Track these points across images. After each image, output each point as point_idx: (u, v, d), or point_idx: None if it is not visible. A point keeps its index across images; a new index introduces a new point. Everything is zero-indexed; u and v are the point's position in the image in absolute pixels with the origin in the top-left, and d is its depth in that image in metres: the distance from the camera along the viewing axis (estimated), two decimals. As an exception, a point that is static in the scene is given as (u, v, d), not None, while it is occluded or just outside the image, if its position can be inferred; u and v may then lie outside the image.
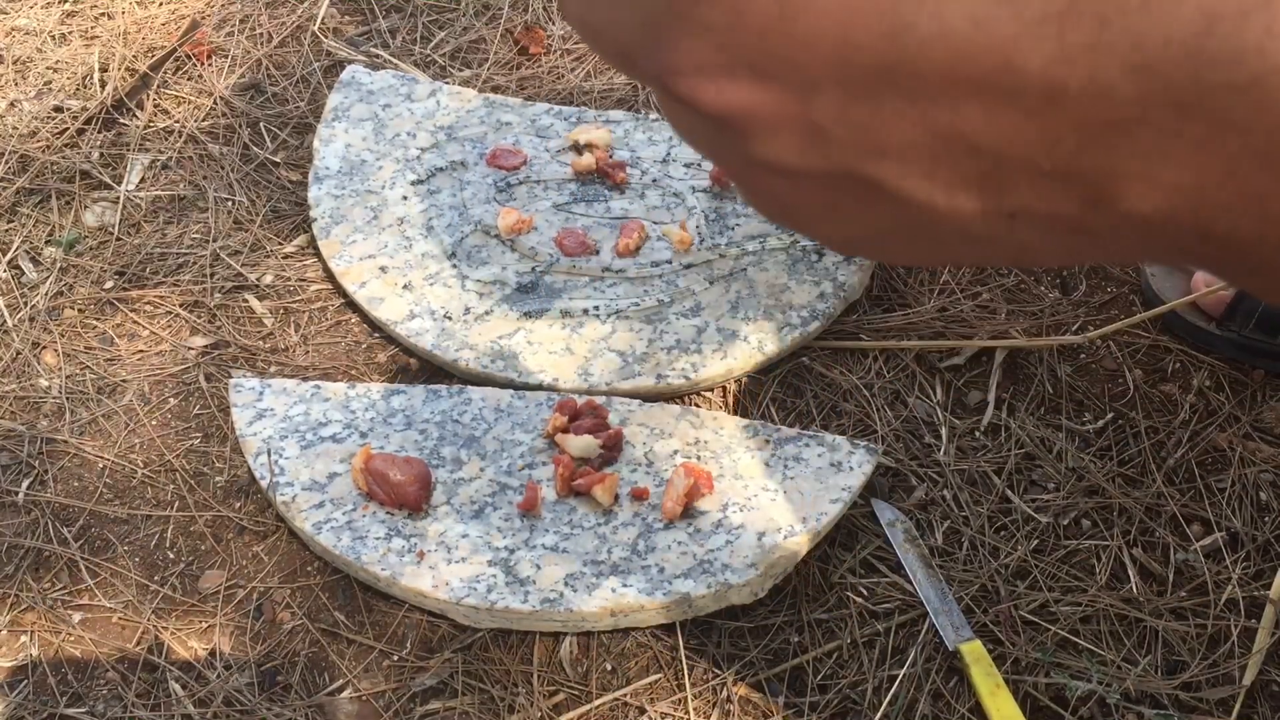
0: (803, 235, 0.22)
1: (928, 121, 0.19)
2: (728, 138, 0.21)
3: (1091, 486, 0.78)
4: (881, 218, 0.21)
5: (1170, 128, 0.18)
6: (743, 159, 0.21)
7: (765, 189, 0.22)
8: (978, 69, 0.18)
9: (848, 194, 0.21)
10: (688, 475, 0.74)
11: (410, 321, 0.86)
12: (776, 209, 0.23)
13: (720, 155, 0.23)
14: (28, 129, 1.02)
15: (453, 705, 0.69)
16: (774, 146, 0.21)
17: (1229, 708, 0.68)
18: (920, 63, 0.18)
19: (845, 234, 0.23)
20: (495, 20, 1.13)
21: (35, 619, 0.73)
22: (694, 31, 0.20)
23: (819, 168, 0.21)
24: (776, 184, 0.22)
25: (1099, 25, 0.18)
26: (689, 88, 0.20)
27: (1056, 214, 0.20)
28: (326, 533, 0.74)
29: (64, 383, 0.85)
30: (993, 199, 0.20)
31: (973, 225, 0.21)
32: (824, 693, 0.70)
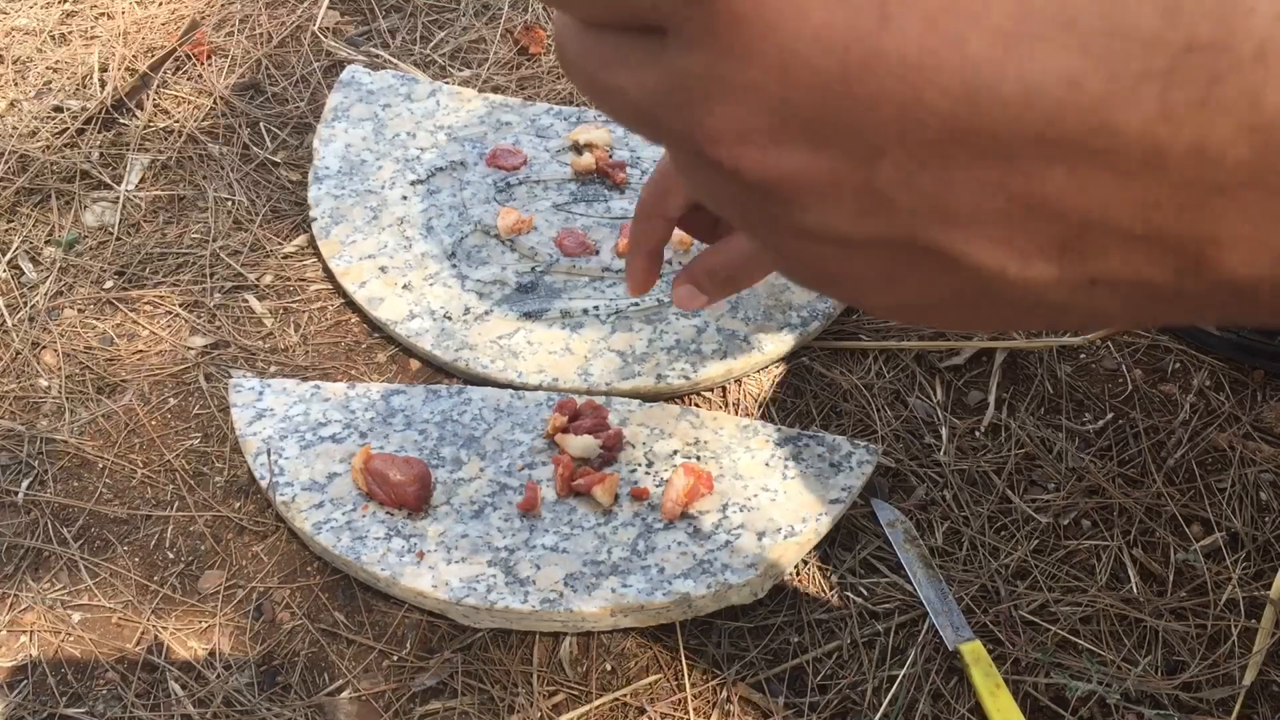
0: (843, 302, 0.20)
1: (1005, 187, 0.18)
2: (770, 206, 0.20)
3: (1091, 486, 0.78)
4: (941, 286, 0.20)
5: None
6: (786, 227, 0.20)
7: (808, 258, 0.21)
8: (1067, 130, 0.17)
9: (905, 262, 0.20)
10: (688, 475, 0.74)
11: (410, 321, 0.86)
12: (818, 277, 0.21)
13: (757, 223, 0.21)
14: (28, 129, 1.02)
15: (452, 705, 0.69)
16: (827, 215, 0.19)
17: (1229, 708, 0.68)
18: (1001, 125, 0.17)
19: (895, 301, 0.21)
20: (495, 20, 1.13)
21: (35, 619, 0.73)
22: (738, 95, 0.18)
23: (876, 236, 0.19)
24: (822, 252, 0.20)
25: (1209, 81, 0.16)
26: (731, 156, 0.19)
27: (1144, 280, 0.18)
28: (326, 533, 0.74)
29: (64, 383, 0.85)
30: (1073, 266, 0.18)
31: (1046, 293, 0.19)
32: (824, 693, 0.70)
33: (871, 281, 0.20)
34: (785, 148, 0.18)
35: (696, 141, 0.19)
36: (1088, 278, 0.19)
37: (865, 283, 0.21)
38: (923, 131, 0.17)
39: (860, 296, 0.21)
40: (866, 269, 0.20)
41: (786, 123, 0.18)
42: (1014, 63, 0.17)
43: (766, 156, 0.18)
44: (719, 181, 0.20)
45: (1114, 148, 0.17)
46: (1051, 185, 0.17)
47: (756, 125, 0.18)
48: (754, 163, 0.19)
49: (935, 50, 0.17)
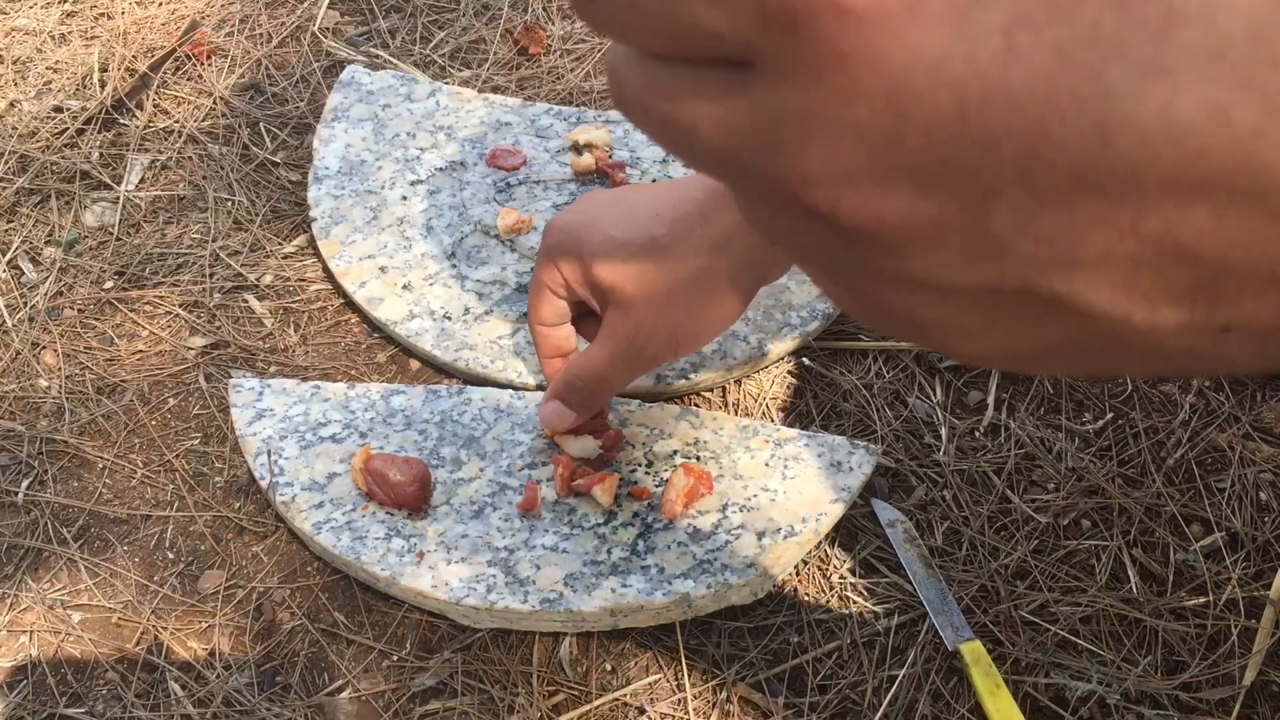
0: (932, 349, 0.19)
1: (1137, 228, 0.16)
2: (865, 252, 0.18)
3: (1091, 487, 0.78)
4: (1051, 333, 0.19)
5: None
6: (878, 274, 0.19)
7: (898, 305, 0.19)
8: (1212, 167, 0.15)
9: (1012, 309, 0.18)
10: (687, 475, 0.74)
11: (410, 321, 0.86)
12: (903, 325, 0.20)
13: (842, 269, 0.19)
14: (27, 129, 1.02)
15: (452, 705, 0.69)
16: (931, 262, 0.18)
17: (1229, 708, 0.68)
18: (1137, 163, 0.16)
19: (992, 349, 0.20)
20: (495, 20, 1.13)
21: (35, 619, 0.73)
22: (840, 134, 0.17)
23: (986, 283, 0.18)
24: (915, 300, 0.19)
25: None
26: (829, 200, 0.17)
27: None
28: (326, 533, 0.74)
29: (63, 383, 0.85)
30: (1205, 312, 0.17)
31: (1172, 339, 0.18)
32: (824, 693, 0.70)
33: (968, 329, 0.19)
34: (891, 190, 0.17)
35: (788, 185, 0.18)
36: (1220, 324, 0.17)
37: (960, 330, 0.19)
38: (1048, 171, 0.16)
39: (951, 343, 0.20)
40: (964, 316, 0.19)
41: (893, 164, 0.17)
42: (1155, 95, 0.15)
43: (869, 200, 0.17)
44: (807, 227, 0.19)
45: (1263, 186, 0.15)
46: (1189, 226, 0.16)
47: (860, 167, 0.17)
48: (855, 207, 0.17)
49: (1066, 83, 0.15)
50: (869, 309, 0.20)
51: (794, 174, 0.18)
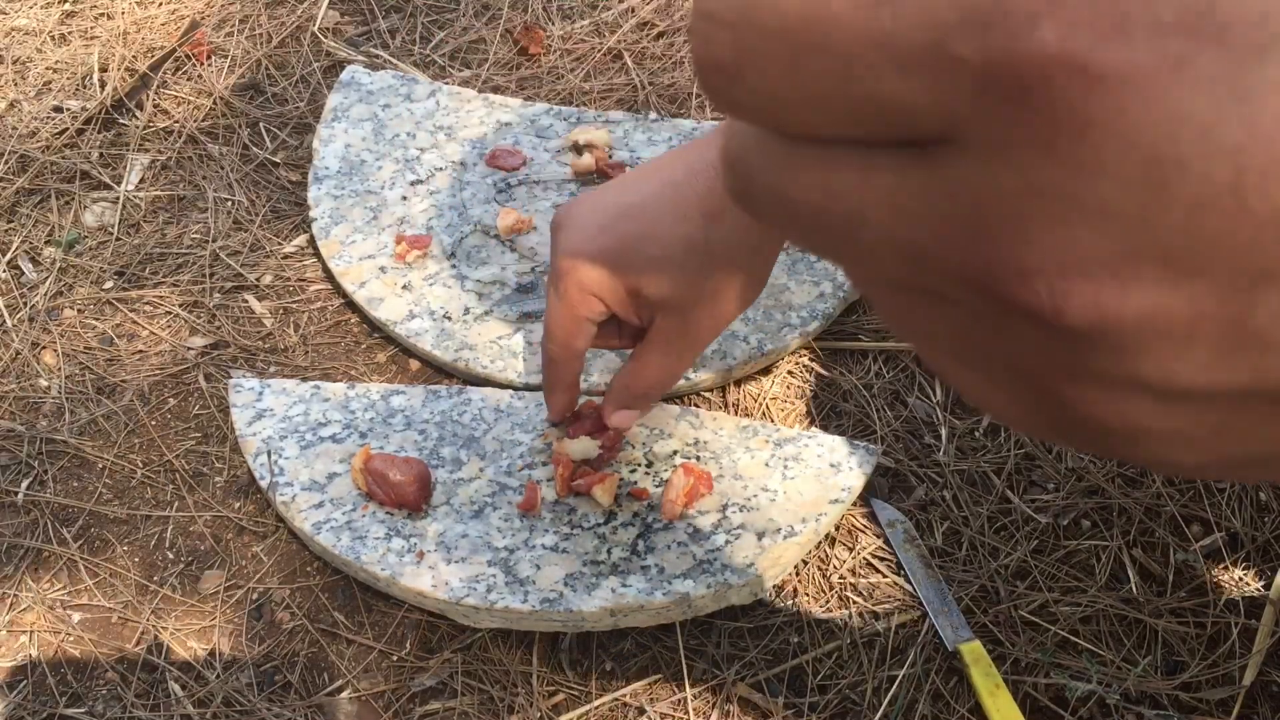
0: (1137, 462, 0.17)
1: None
2: (1085, 354, 0.15)
3: (1091, 487, 0.78)
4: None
5: None
6: (1095, 379, 0.16)
7: (1114, 414, 0.16)
8: None
9: (1260, 413, 0.16)
10: (687, 475, 0.74)
11: (410, 321, 0.86)
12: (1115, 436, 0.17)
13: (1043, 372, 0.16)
14: (27, 129, 1.02)
15: (452, 705, 0.69)
16: (1172, 364, 0.15)
17: (1229, 708, 0.68)
18: None
19: (1219, 458, 0.17)
20: (495, 20, 1.13)
21: (35, 619, 0.73)
22: (1072, 218, 0.14)
23: (1236, 386, 0.15)
24: (1140, 408, 0.16)
25: None
26: (1052, 296, 0.15)
27: None
28: (326, 533, 0.74)
29: (63, 383, 0.85)
30: None
31: None
32: (824, 693, 0.70)
33: (1195, 438, 0.16)
34: (1133, 283, 0.14)
35: (996, 279, 0.15)
36: None
37: (1185, 440, 0.16)
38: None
39: (1171, 454, 0.17)
40: (1195, 424, 0.16)
41: (1142, 251, 0.14)
42: None
43: (1104, 295, 0.14)
44: (1007, 322, 0.16)
45: None
46: None
47: (1096, 256, 0.14)
48: (1087, 303, 0.15)
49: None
50: (1058, 415, 0.17)
51: (1008, 266, 0.15)
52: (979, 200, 0.15)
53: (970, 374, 0.18)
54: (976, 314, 0.16)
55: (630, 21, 1.13)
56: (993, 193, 0.15)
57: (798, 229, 0.17)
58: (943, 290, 0.16)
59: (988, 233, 0.15)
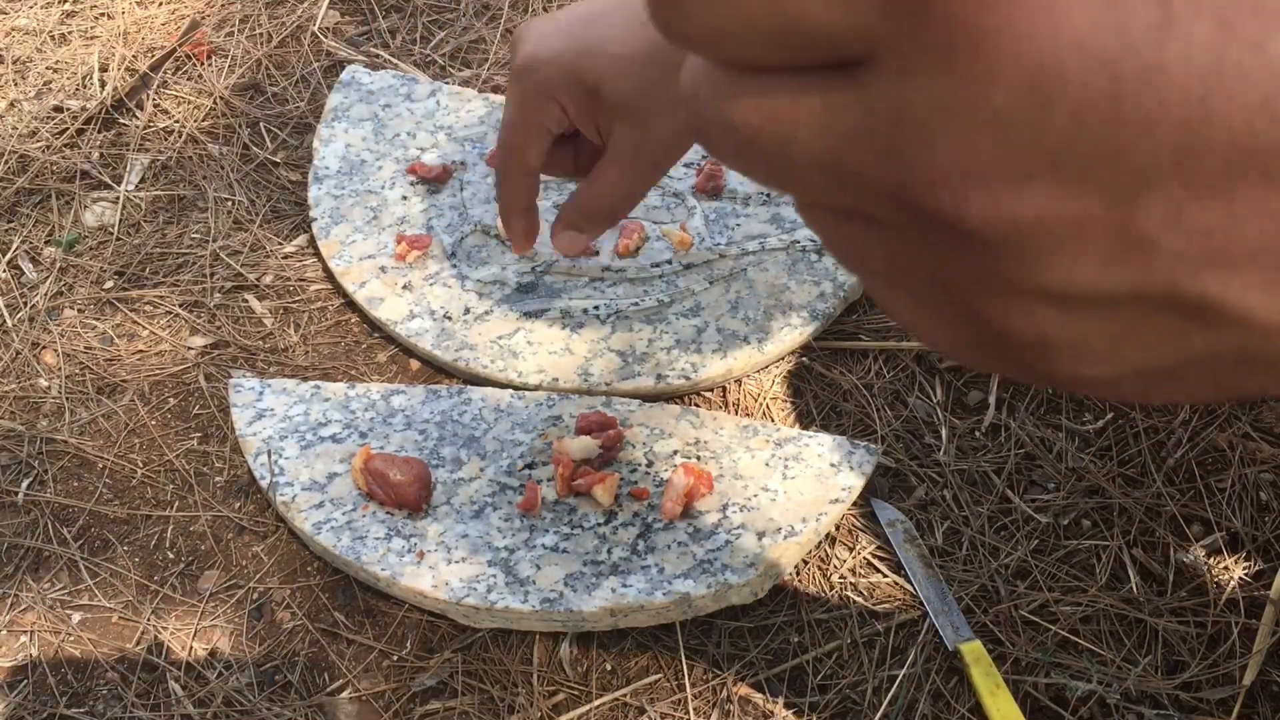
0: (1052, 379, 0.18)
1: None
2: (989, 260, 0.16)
3: (1091, 486, 0.78)
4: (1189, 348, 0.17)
5: None
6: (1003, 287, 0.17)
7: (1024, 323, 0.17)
8: None
9: (1154, 320, 0.16)
10: (688, 475, 0.74)
11: (410, 321, 0.86)
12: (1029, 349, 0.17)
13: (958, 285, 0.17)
14: (28, 129, 1.02)
15: (453, 705, 0.69)
16: (1067, 268, 0.16)
17: (1229, 708, 0.68)
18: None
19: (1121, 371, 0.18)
20: (495, 20, 1.13)
21: (35, 619, 0.73)
22: (972, 127, 0.15)
23: (1125, 289, 0.16)
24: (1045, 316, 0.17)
25: None
26: (954, 201, 0.16)
27: None
28: (326, 533, 0.74)
29: (64, 383, 0.85)
30: None
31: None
32: (824, 693, 0.70)
33: (1099, 348, 0.17)
34: (1028, 187, 0.15)
35: (908, 189, 0.16)
36: None
37: (1090, 350, 0.17)
38: (1208, 157, 0.14)
39: (1077, 366, 0.18)
40: (1093, 332, 0.17)
41: (1032, 156, 0.15)
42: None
43: (1001, 199, 0.15)
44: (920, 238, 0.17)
45: None
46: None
47: (993, 162, 0.15)
48: (986, 207, 0.15)
49: (1230, 56, 0.14)
50: (978, 332, 0.18)
51: (916, 175, 0.16)
52: (891, 115, 0.16)
53: (903, 298, 0.19)
54: (899, 231, 0.17)
55: (630, 21, 1.13)
56: (902, 107, 0.15)
57: (741, 155, 0.18)
58: (868, 209, 0.17)
59: (900, 146, 0.16)
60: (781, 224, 0.91)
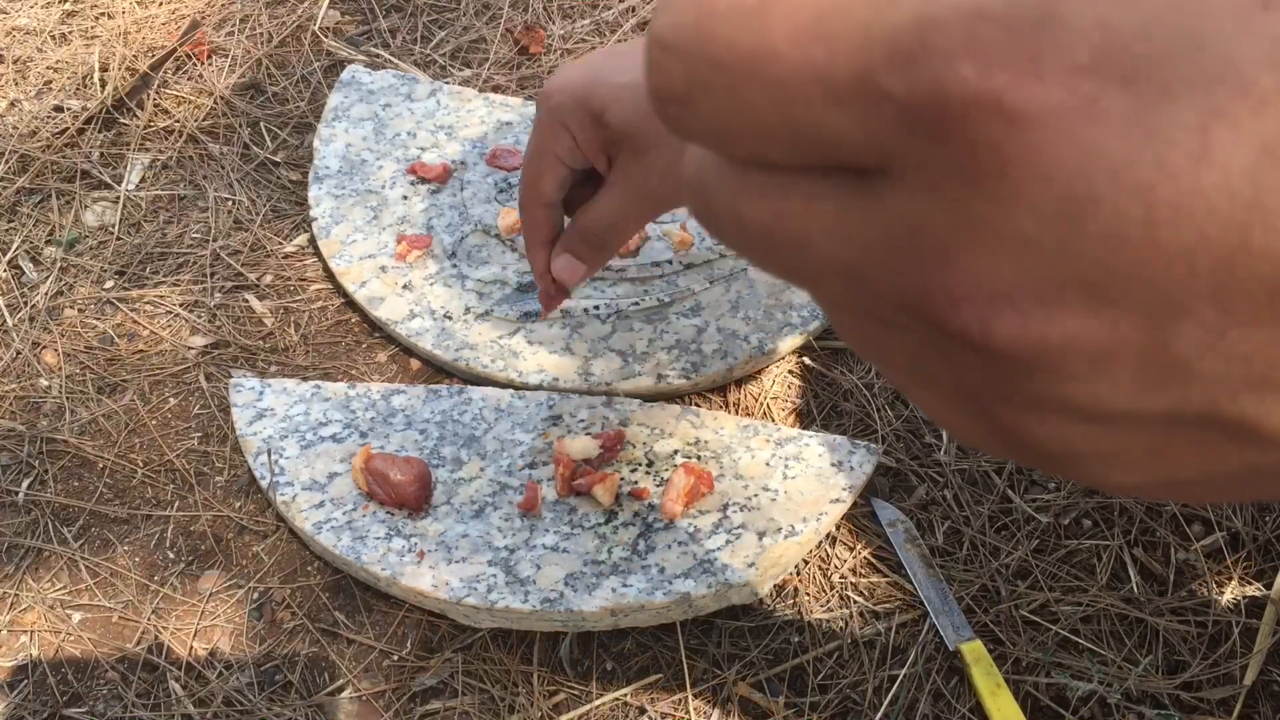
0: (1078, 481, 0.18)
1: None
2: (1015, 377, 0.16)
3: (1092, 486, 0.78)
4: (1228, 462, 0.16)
5: None
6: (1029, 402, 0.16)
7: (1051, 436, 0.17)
8: None
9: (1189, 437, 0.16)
10: (688, 475, 0.74)
11: (410, 321, 0.86)
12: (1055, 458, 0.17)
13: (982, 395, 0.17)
14: (28, 129, 1.02)
15: (453, 705, 0.69)
16: (1099, 388, 0.16)
17: (1230, 708, 0.68)
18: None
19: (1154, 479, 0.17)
20: (495, 20, 1.13)
21: (35, 619, 0.73)
22: (996, 248, 0.15)
23: (1163, 410, 0.16)
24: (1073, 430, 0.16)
25: None
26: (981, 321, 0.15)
27: None
28: (326, 533, 0.74)
29: (64, 383, 0.85)
30: None
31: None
32: (824, 692, 0.70)
33: (1129, 459, 0.17)
34: (1055, 310, 0.15)
35: (928, 304, 0.16)
36: None
37: (1120, 461, 0.17)
38: (1248, 286, 0.14)
39: (1107, 475, 0.17)
40: (1126, 446, 0.17)
41: (1062, 280, 0.15)
42: None
43: (1029, 321, 0.15)
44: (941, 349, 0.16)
45: None
46: None
47: (1021, 283, 0.15)
48: (1012, 329, 0.15)
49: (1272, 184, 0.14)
50: (1006, 438, 0.17)
51: (938, 291, 0.15)
52: (911, 229, 0.15)
53: (926, 394, 0.18)
54: (920, 338, 0.17)
55: (630, 21, 1.13)
56: (923, 223, 0.15)
57: (753, 251, 0.18)
58: (886, 314, 0.17)
59: (920, 261, 0.15)
60: (782, 224, 0.91)
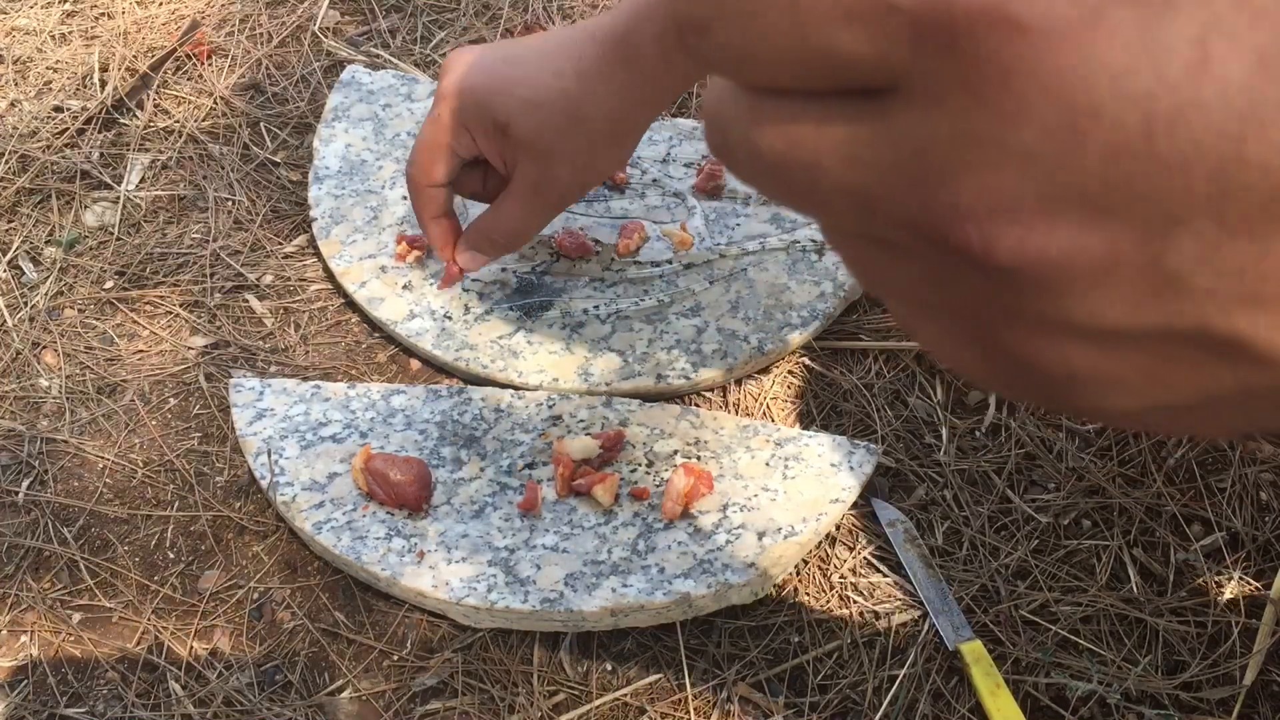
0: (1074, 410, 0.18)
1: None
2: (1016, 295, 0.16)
3: (1092, 486, 0.78)
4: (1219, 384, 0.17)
5: None
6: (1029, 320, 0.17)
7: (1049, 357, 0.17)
8: None
9: (1181, 356, 0.16)
10: (688, 475, 0.74)
11: (410, 321, 0.86)
12: (1053, 382, 0.17)
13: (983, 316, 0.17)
14: (28, 129, 1.02)
15: (453, 705, 0.69)
16: (1096, 303, 0.16)
17: (1229, 708, 0.68)
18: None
19: (1148, 404, 0.17)
20: (495, 20, 1.13)
21: (35, 619, 0.73)
22: (999, 162, 0.15)
23: (1155, 326, 0.16)
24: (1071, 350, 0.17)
25: None
26: (982, 236, 0.15)
27: None
28: (326, 533, 0.74)
29: (64, 383, 0.85)
30: None
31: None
32: (824, 693, 0.70)
33: (1124, 381, 0.17)
34: (1056, 223, 0.15)
35: (932, 221, 0.16)
36: None
37: (1114, 383, 0.17)
38: (1242, 195, 0.14)
39: (1104, 399, 0.17)
40: (1120, 367, 0.17)
41: (1062, 193, 0.15)
42: None
43: (1031, 234, 0.15)
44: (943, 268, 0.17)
45: None
46: None
47: (1022, 197, 0.15)
48: (1013, 242, 0.15)
49: (1268, 95, 0.14)
50: (1004, 363, 0.18)
51: (942, 208, 0.16)
52: (918, 146, 0.16)
53: (928, 324, 0.18)
54: (924, 261, 0.17)
55: (630, 21, 1.13)
56: (929, 139, 0.15)
57: (766, 179, 0.18)
58: (893, 238, 0.17)
59: (926, 178, 0.16)
60: (781, 224, 0.91)
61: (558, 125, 0.70)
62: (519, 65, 0.70)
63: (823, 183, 0.17)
